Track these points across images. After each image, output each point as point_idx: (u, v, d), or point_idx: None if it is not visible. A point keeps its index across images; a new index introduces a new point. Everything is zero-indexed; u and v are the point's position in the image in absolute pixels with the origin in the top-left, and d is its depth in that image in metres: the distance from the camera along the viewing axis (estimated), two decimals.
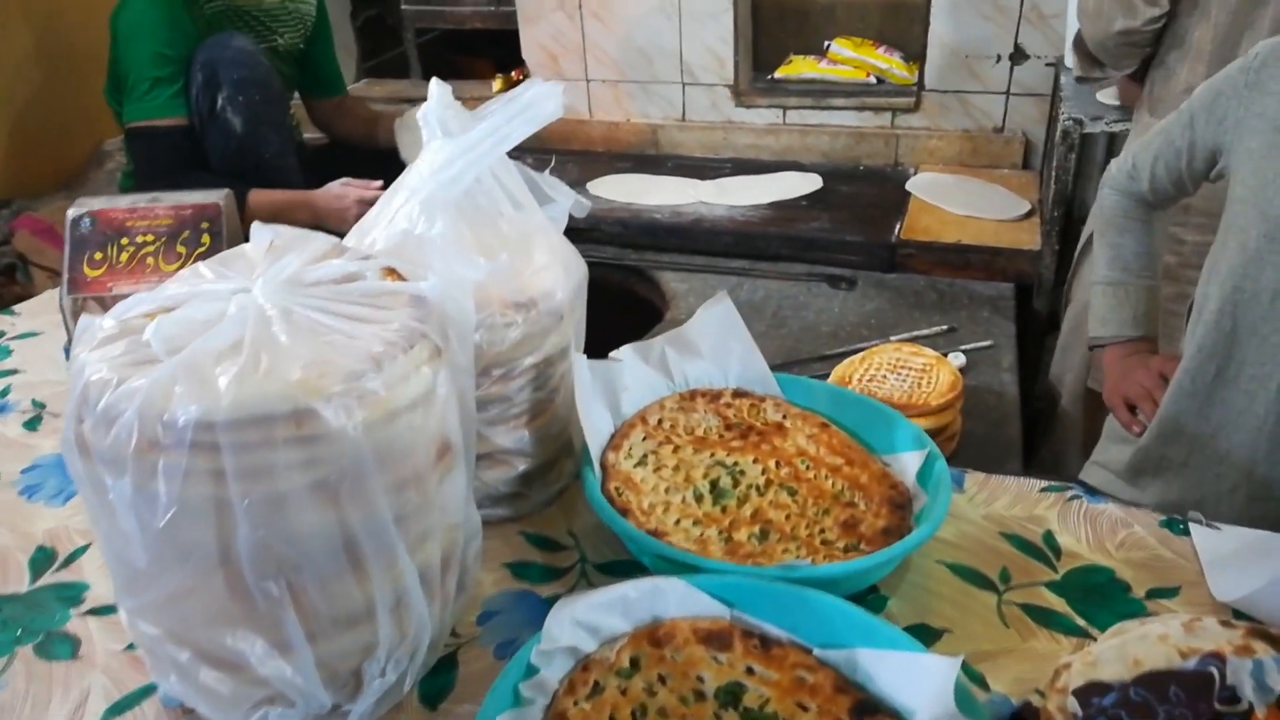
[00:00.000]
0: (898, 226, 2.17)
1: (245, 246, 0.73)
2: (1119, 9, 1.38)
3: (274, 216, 1.86)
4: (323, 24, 2.16)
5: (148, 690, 0.70)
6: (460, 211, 0.78)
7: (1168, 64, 1.37)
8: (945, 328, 1.89)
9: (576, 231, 0.92)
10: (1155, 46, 1.40)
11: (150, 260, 1.15)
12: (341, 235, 2.01)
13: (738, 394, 0.97)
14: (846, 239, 2.16)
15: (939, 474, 0.82)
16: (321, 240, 0.72)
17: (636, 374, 0.94)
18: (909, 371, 1.46)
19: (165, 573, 0.59)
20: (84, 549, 0.86)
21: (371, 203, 1.82)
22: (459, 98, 0.83)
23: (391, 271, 0.72)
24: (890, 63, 2.50)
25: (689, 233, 2.29)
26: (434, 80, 0.82)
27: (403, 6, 3.09)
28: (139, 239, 1.16)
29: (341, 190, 1.85)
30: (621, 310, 2.29)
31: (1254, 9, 1.26)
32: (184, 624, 0.62)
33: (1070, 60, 1.56)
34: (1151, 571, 0.79)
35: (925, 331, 1.88)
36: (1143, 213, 1.23)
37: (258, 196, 1.84)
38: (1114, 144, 2.16)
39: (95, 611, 0.78)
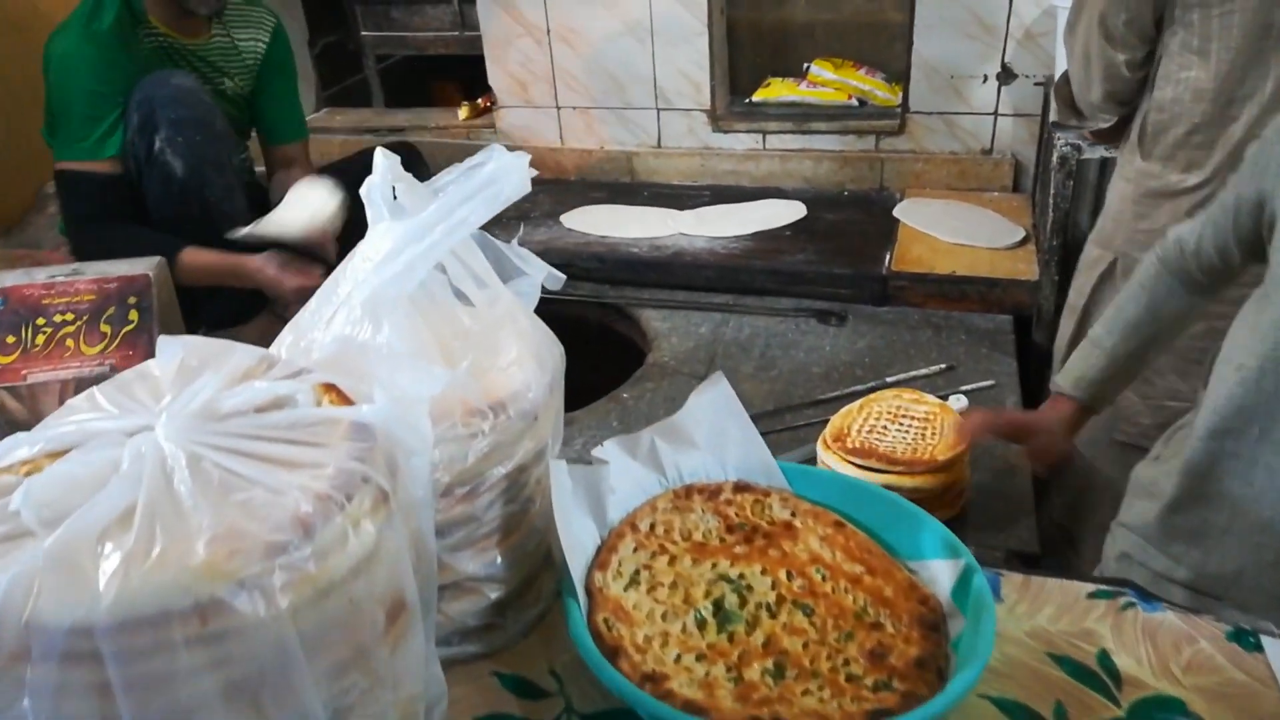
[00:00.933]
0: (888, 257, 2.07)
1: (152, 364, 0.61)
2: (1101, 70, 1.34)
3: (205, 280, 1.74)
4: (279, 67, 2.01)
5: None
6: (413, 303, 0.67)
7: (1166, 105, 1.31)
8: (943, 366, 1.79)
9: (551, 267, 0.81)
10: (1141, 93, 1.35)
11: (70, 343, 1.02)
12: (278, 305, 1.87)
13: (739, 488, 0.85)
14: (835, 271, 2.06)
15: (978, 593, 0.71)
16: (243, 355, 0.60)
17: (623, 472, 0.83)
18: (910, 421, 1.36)
19: None
20: None
21: (310, 291, 1.72)
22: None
23: (330, 389, 0.60)
24: (872, 84, 2.41)
25: (669, 267, 2.18)
26: (379, 150, 0.71)
27: (362, 33, 2.97)
28: (57, 318, 1.03)
29: (277, 275, 1.73)
30: (601, 351, 2.17)
31: (1260, 47, 1.21)
32: None
33: (1054, 106, 1.49)
34: (1228, 703, 0.68)
35: (923, 371, 1.78)
36: (1169, 285, 1.13)
37: (192, 257, 1.70)
38: (1111, 170, 2.07)
39: None
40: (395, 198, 0.71)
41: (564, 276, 0.88)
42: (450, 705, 0.66)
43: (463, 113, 2.77)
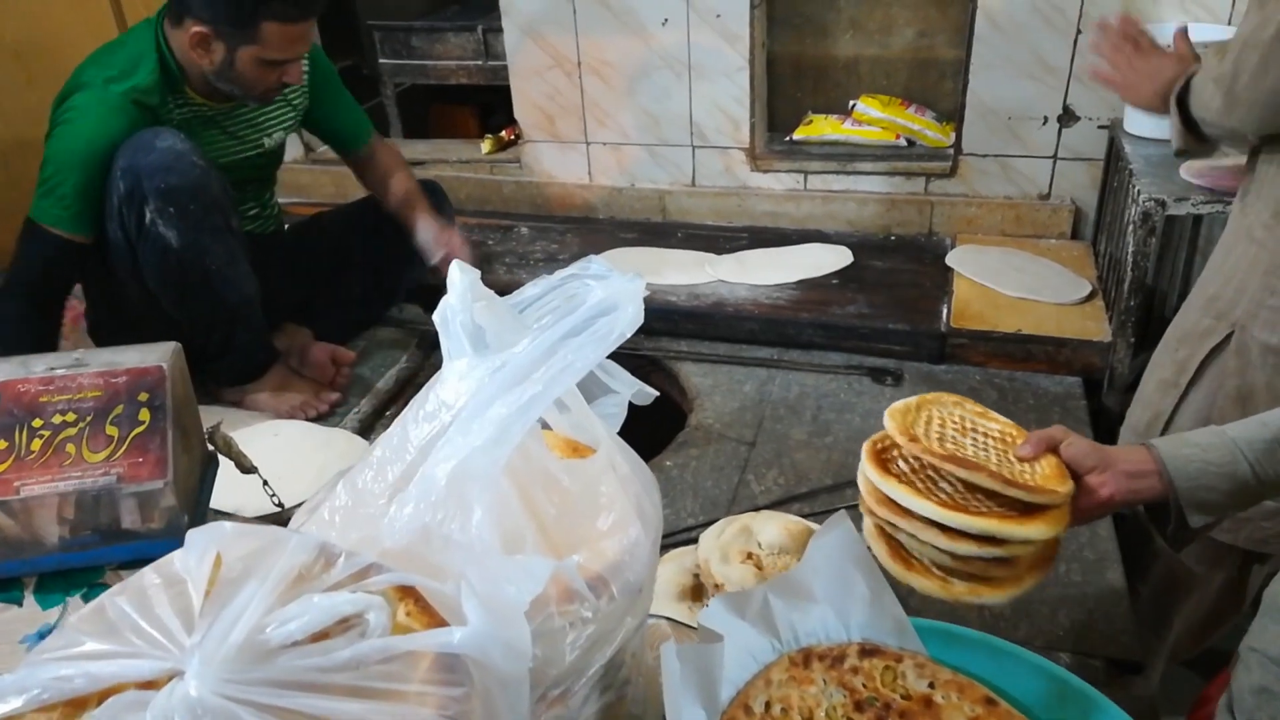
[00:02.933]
0: (945, 311, 1.94)
1: (178, 561, 0.47)
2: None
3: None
4: (325, 81, 1.89)
5: None
6: (506, 469, 0.53)
7: None
8: None
9: None
10: None
11: (71, 447, 0.89)
12: (311, 313, 1.75)
13: (865, 652, 0.72)
14: (890, 326, 1.93)
15: None
16: (294, 550, 0.47)
17: (733, 638, 0.69)
18: (984, 438, 1.03)
19: None
20: None
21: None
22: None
23: (408, 594, 0.47)
24: (922, 124, 2.28)
25: (709, 318, 2.05)
26: (455, 264, 0.57)
27: (380, 60, 2.84)
28: (56, 419, 0.90)
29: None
30: (638, 408, 2.04)
31: None
32: None
33: (1171, 134, 1.30)
34: None
35: None
36: None
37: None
38: (1200, 227, 1.94)
39: None
40: (474, 321, 0.58)
41: (655, 393, 0.75)
42: None
43: (486, 146, 2.64)
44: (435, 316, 0.57)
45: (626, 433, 0.90)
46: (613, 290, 0.55)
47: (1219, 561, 1.45)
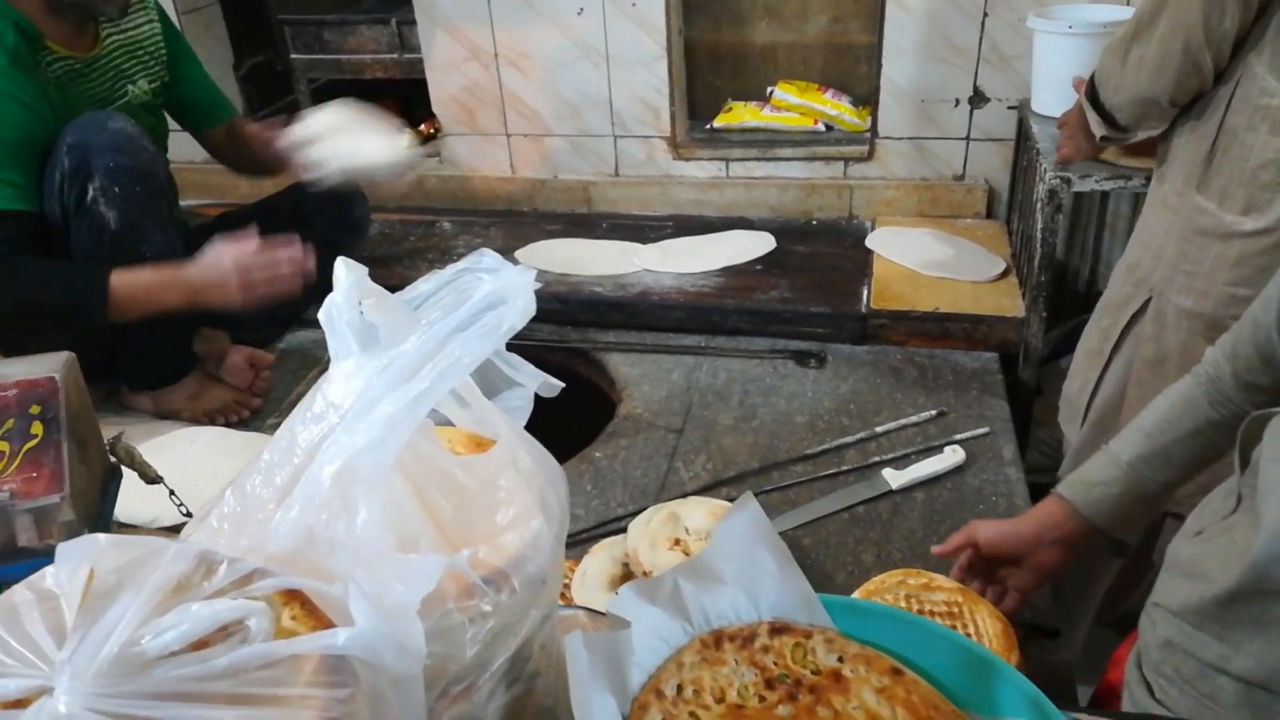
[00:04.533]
0: (865, 293, 1.97)
1: (50, 577, 0.46)
2: (1180, 66, 1.16)
3: (144, 302, 1.54)
4: (177, 45, 1.85)
5: None
6: (396, 465, 0.53)
7: (1236, 134, 1.16)
8: (935, 413, 1.69)
9: None
10: (1209, 113, 1.19)
11: None
12: (229, 316, 1.72)
13: (776, 630, 0.73)
14: (812, 310, 1.96)
15: None
16: (175, 558, 0.46)
17: (643, 623, 0.69)
18: (933, 618, 1.04)
19: None
20: None
21: (256, 262, 1.54)
22: None
23: (294, 597, 0.46)
24: (839, 108, 2.31)
25: (636, 307, 2.05)
26: (340, 261, 0.56)
27: (293, 55, 2.78)
28: None
29: (215, 256, 1.55)
30: (566, 400, 2.03)
31: None
32: None
33: (1091, 119, 1.35)
34: None
35: (914, 419, 1.68)
36: (1197, 402, 1.01)
37: (121, 279, 1.52)
38: (1108, 203, 2.01)
39: None
40: (361, 313, 0.57)
41: (560, 384, 0.75)
42: None
43: (405, 140, 2.60)
44: (320, 315, 0.56)
45: (554, 426, 0.89)
46: (502, 283, 0.54)
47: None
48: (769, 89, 2.38)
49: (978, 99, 2.13)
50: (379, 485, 0.49)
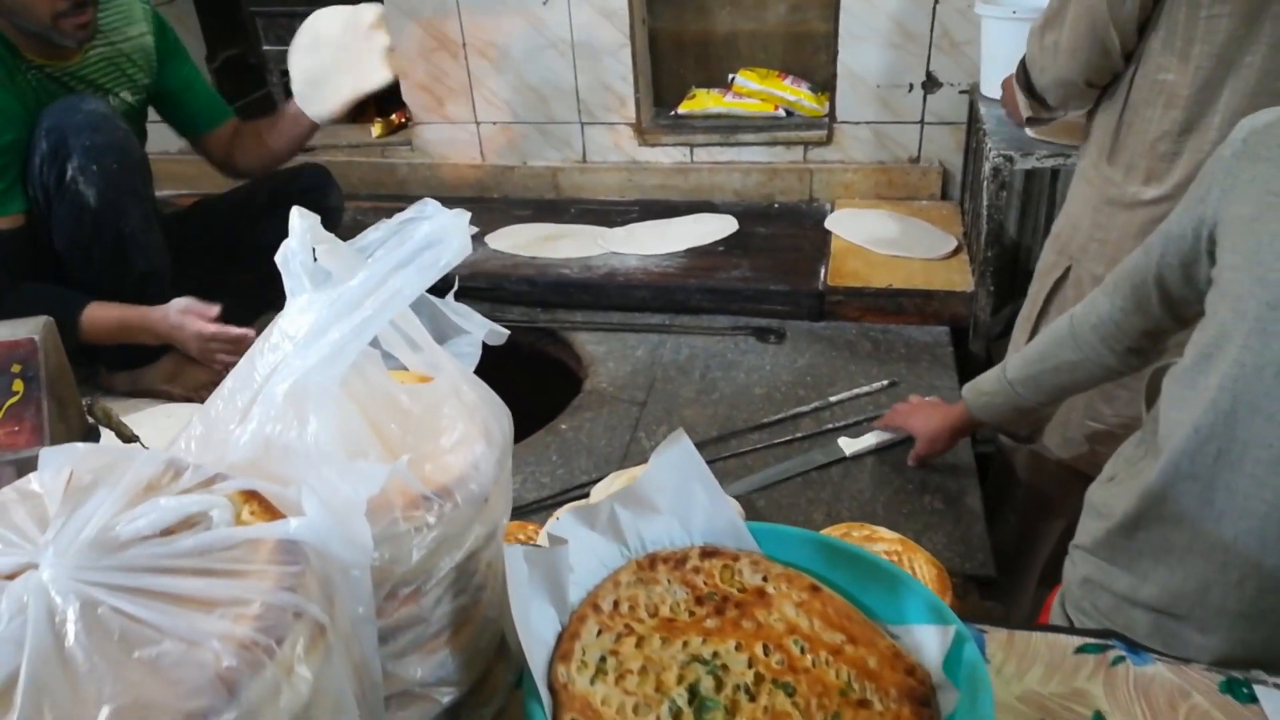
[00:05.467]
0: (823, 271, 2.05)
1: (34, 480, 0.52)
2: (1090, 55, 1.24)
3: (114, 337, 1.61)
4: (173, 53, 1.87)
5: None
6: (343, 387, 0.59)
7: (1138, 109, 1.24)
8: (886, 383, 1.77)
9: (478, 291, 0.74)
10: (1117, 90, 1.28)
11: None
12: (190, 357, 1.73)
13: (706, 553, 0.79)
14: (771, 288, 2.03)
15: (972, 665, 0.66)
16: (145, 464, 0.52)
17: (582, 546, 0.76)
18: None
19: None
20: None
21: (213, 342, 1.59)
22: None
23: (252, 497, 0.52)
24: (798, 94, 2.38)
25: (602, 288, 2.11)
26: (295, 210, 0.62)
27: (265, 47, 2.82)
28: None
29: (178, 320, 1.61)
30: (535, 378, 2.10)
31: (1239, 52, 1.14)
32: None
33: (1021, 102, 1.42)
34: None
35: (866, 389, 1.75)
36: (1071, 337, 1.13)
37: (94, 313, 1.59)
38: (1046, 180, 2.08)
39: None
40: (315, 260, 0.63)
41: (507, 332, 0.81)
42: None
43: (376, 130, 2.65)
44: (277, 258, 0.62)
45: (524, 400, 0.95)
46: (439, 225, 0.60)
47: (1069, 484, 1.59)
48: (731, 76, 2.44)
49: (931, 84, 2.20)
50: (328, 401, 0.55)
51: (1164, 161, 1.23)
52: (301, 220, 0.62)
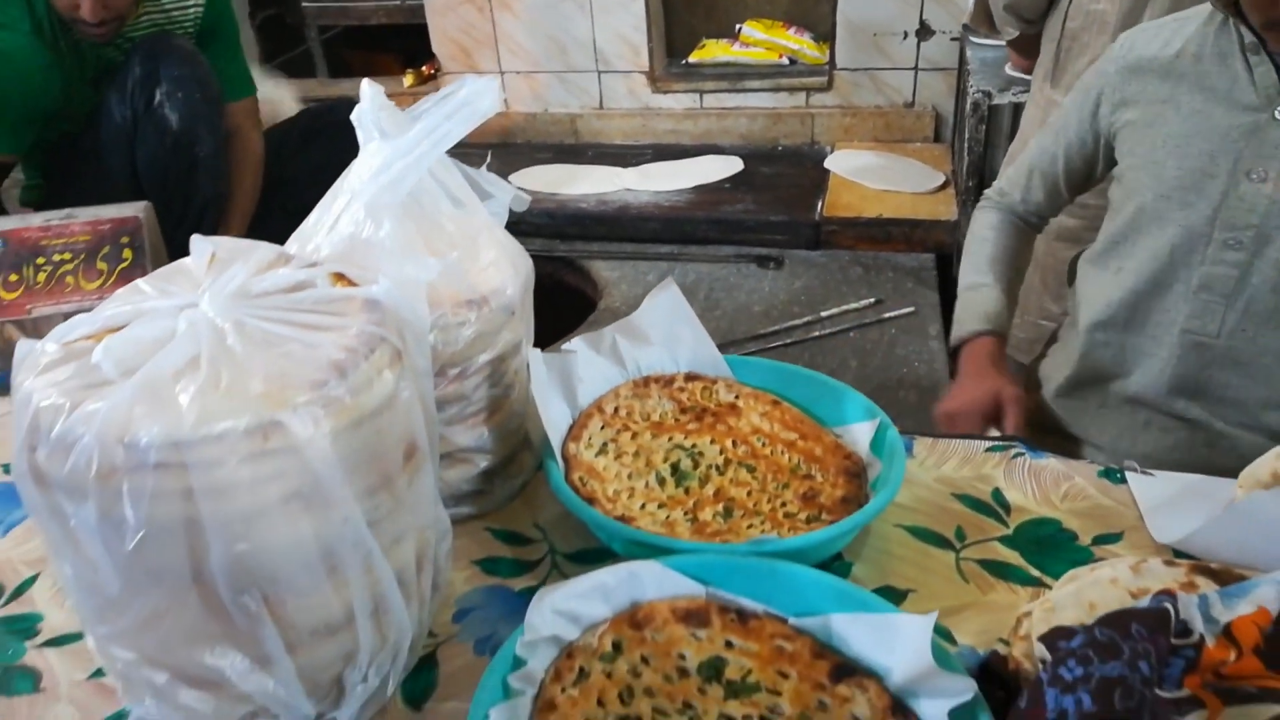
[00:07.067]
0: (820, 204, 2.22)
1: (185, 261, 0.71)
2: None
3: None
4: (217, 23, 1.98)
5: (119, 717, 0.69)
6: (405, 212, 0.78)
7: (1077, 36, 1.41)
8: (871, 300, 1.94)
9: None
10: (1056, 19, 1.45)
11: (70, 279, 1.11)
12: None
13: (690, 377, 0.98)
14: (772, 219, 2.20)
15: (892, 442, 0.85)
16: (265, 250, 0.71)
17: (590, 365, 0.95)
18: None
19: (138, 596, 0.58)
20: (33, 579, 0.83)
21: None
22: None
23: (341, 278, 0.71)
24: (801, 43, 2.54)
25: (616, 220, 2.29)
26: (366, 82, 0.81)
27: (303, 4, 3.01)
28: (56, 257, 1.11)
29: None
30: (554, 301, 2.29)
31: None
32: (160, 646, 0.60)
33: (999, 25, 1.61)
34: (1095, 520, 0.83)
35: (853, 305, 1.93)
36: (1008, 223, 1.29)
37: None
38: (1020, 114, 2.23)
39: (53, 642, 0.76)
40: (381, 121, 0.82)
41: (529, 198, 0.99)
42: (454, 554, 0.78)
43: (407, 80, 2.84)
44: (353, 116, 0.80)
45: (543, 323, 1.06)
46: (475, 88, 0.79)
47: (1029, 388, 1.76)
48: (738, 26, 2.61)
49: (924, 32, 2.36)
50: (396, 211, 0.74)
51: None
52: (371, 89, 0.81)
